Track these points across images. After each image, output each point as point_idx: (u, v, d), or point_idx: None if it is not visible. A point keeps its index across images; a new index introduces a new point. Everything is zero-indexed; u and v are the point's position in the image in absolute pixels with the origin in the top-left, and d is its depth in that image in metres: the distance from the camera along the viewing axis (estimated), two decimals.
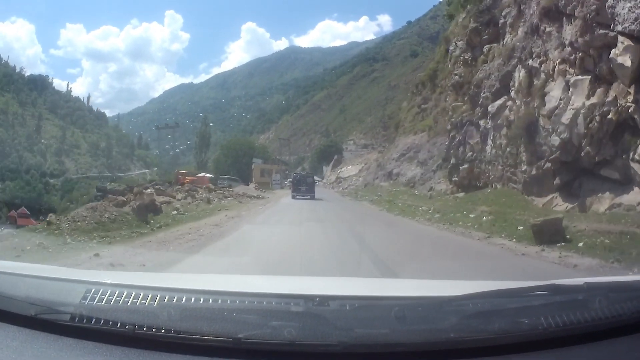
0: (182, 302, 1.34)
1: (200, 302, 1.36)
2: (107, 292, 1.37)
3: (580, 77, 11.83)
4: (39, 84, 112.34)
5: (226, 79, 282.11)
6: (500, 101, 16.99)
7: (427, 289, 1.96)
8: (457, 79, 23.00)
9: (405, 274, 5.37)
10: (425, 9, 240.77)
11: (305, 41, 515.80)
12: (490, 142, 17.75)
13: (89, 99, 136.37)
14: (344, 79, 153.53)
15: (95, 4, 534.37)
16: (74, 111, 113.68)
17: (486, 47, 20.16)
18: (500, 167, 16.81)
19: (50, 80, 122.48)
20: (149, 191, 20.31)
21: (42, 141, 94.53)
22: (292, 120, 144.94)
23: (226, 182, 39.77)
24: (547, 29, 13.58)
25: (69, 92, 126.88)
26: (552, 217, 8.75)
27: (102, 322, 1.28)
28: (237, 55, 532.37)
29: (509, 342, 1.26)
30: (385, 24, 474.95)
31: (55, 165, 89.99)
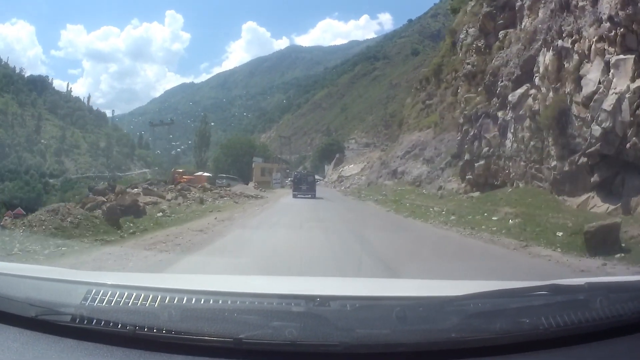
0: (182, 302, 1.34)
1: (201, 302, 1.36)
2: (108, 293, 1.36)
3: (622, 56, 10.37)
4: (39, 84, 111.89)
5: (227, 78, 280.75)
6: (521, 90, 15.51)
7: (428, 289, 1.93)
8: (469, 68, 21.50)
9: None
10: (425, 7, 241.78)
11: (306, 40, 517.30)
12: (510, 135, 16.26)
13: (89, 99, 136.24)
14: (345, 77, 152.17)
15: (95, 5, 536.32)
16: (74, 111, 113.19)
17: (502, 33, 18.77)
18: (522, 163, 15.27)
19: (50, 80, 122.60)
20: (136, 190, 18.84)
21: (42, 141, 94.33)
22: (293, 119, 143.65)
23: (224, 181, 39.08)
24: (580, 4, 12.02)
25: (69, 92, 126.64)
26: (608, 222, 7.12)
27: (103, 323, 1.28)
28: (237, 54, 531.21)
29: (510, 342, 1.25)
30: (386, 22, 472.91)
31: (54, 165, 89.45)
